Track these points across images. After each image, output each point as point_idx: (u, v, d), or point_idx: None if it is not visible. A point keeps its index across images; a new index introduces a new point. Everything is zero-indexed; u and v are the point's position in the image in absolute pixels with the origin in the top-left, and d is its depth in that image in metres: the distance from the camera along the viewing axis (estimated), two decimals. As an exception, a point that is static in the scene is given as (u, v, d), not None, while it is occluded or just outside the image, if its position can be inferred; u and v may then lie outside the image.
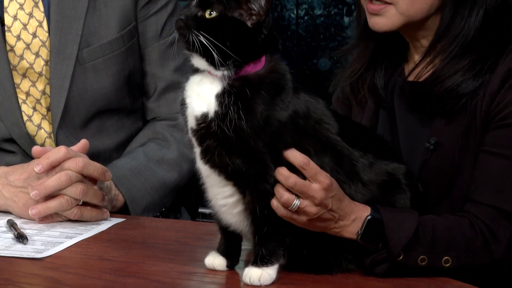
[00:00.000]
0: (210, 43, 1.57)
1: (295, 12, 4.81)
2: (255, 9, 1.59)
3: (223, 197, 1.66)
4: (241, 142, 1.59)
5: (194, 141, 1.65)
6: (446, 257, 1.70)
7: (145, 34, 2.37)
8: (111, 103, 2.34)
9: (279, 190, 1.61)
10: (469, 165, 1.82)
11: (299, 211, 1.62)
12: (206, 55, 1.59)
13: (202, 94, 1.62)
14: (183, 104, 1.66)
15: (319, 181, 1.61)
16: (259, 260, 1.62)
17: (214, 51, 1.57)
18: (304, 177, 1.62)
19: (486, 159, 1.79)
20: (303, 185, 1.61)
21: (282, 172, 1.61)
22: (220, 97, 1.60)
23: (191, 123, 1.64)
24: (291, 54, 4.80)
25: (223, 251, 1.72)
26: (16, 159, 2.31)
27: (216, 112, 1.59)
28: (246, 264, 1.66)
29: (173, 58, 2.34)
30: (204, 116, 1.61)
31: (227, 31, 1.58)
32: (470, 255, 1.72)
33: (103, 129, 2.36)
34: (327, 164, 1.66)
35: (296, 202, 1.61)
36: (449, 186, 1.84)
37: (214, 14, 1.58)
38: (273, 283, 1.63)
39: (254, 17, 1.60)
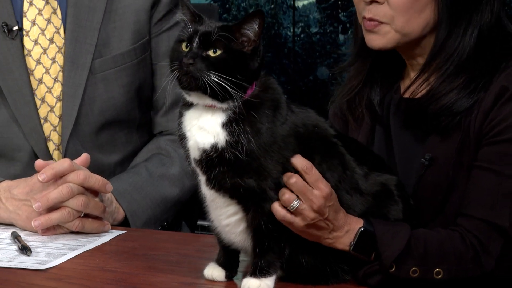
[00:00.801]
0: (224, 80, 1.59)
1: (291, 30, 4.84)
2: (250, 35, 1.61)
3: (226, 217, 1.69)
4: (253, 162, 1.62)
5: (198, 170, 1.67)
6: (437, 269, 1.72)
7: (157, 50, 2.39)
8: (121, 115, 2.37)
9: (281, 189, 1.64)
10: (464, 181, 1.83)
11: (296, 214, 1.64)
12: (214, 92, 1.60)
13: (205, 126, 1.63)
14: (183, 138, 1.68)
15: (320, 188, 1.65)
16: (258, 272, 1.64)
17: (229, 86, 1.59)
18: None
19: (479, 174, 1.81)
20: (303, 186, 1.64)
21: (285, 173, 1.64)
22: (228, 126, 1.62)
23: (195, 154, 1.66)
24: (287, 71, 4.84)
25: (222, 263, 1.74)
26: (16, 170, 2.33)
27: (227, 141, 1.61)
28: (244, 275, 1.67)
29: None
30: (214, 146, 1.62)
31: (234, 64, 1.61)
32: (461, 267, 1.74)
33: (111, 142, 2.38)
34: (335, 169, 1.70)
35: (295, 203, 1.64)
36: (444, 201, 1.86)
37: (218, 51, 1.60)
38: (271, 293, 1.65)
39: (250, 44, 1.62)
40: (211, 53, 1.61)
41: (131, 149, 2.42)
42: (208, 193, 1.68)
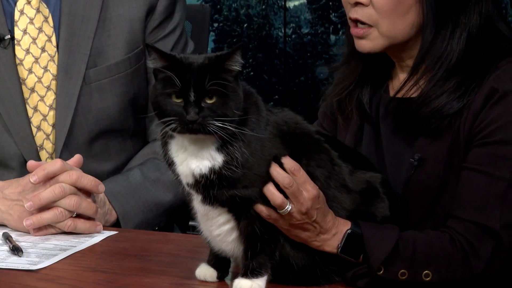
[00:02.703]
0: (228, 122, 1.58)
1: (282, 31, 4.85)
2: (234, 68, 1.61)
3: (217, 226, 1.69)
4: (247, 172, 1.62)
5: (194, 192, 1.67)
6: (426, 271, 1.72)
7: None
8: (115, 124, 2.37)
9: (274, 192, 1.63)
10: (454, 182, 1.83)
11: (285, 215, 1.65)
12: (218, 134, 1.59)
13: (199, 152, 1.63)
14: (171, 164, 1.68)
15: (307, 190, 1.65)
16: (250, 272, 1.65)
17: (233, 127, 1.59)
18: None
19: (469, 176, 1.81)
20: (297, 189, 1.64)
21: (279, 171, 1.64)
22: (224, 148, 1.61)
23: (188, 179, 1.65)
24: (279, 72, 4.84)
25: (213, 264, 1.75)
26: (8, 178, 2.33)
27: (224, 161, 1.62)
28: (235, 276, 1.68)
29: None
30: (212, 169, 1.62)
31: (230, 102, 1.60)
32: (451, 270, 1.73)
33: (105, 150, 2.38)
34: (324, 165, 1.70)
35: (288, 206, 1.65)
36: (434, 203, 1.86)
37: (214, 97, 1.59)
38: (262, 294, 1.66)
39: (235, 74, 1.62)
40: (207, 100, 1.59)
41: (125, 157, 2.42)
42: (202, 209, 1.68)
